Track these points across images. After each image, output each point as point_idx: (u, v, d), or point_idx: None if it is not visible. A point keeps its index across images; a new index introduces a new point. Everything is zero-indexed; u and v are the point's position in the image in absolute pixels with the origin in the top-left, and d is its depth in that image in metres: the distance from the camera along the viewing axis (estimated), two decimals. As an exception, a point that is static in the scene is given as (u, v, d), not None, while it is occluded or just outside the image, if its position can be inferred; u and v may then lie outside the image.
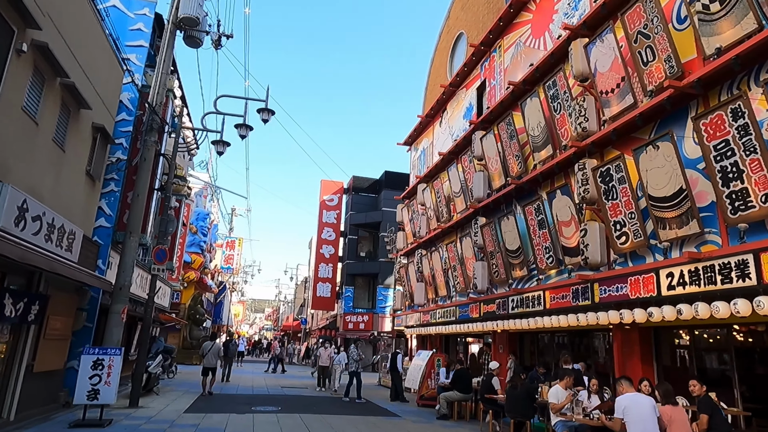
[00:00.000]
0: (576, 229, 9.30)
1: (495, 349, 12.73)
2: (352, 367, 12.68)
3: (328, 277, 31.29)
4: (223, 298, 34.69)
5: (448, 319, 14.59)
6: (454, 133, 16.94)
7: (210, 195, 29.05)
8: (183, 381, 15.79)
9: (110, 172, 10.26)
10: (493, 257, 12.46)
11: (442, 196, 16.38)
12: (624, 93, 8.54)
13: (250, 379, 18.46)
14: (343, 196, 33.00)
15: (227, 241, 35.17)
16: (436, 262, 16.28)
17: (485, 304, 12.38)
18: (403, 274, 19.88)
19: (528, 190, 11.36)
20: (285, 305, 68.16)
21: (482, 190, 13.29)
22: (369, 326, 28.16)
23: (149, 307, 9.85)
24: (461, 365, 10.02)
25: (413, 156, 21.55)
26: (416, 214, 19.08)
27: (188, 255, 25.36)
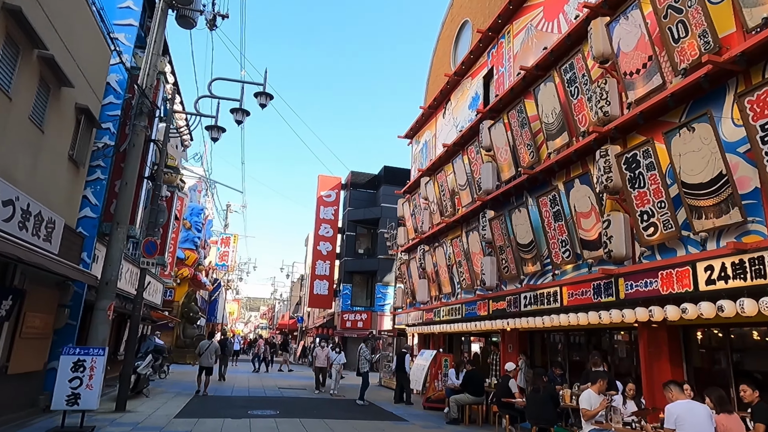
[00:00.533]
0: (596, 220, 8.69)
1: (504, 349, 12.12)
2: (364, 367, 12.04)
3: (326, 275, 30.60)
4: (218, 295, 33.94)
5: (454, 317, 13.97)
6: (458, 124, 16.30)
7: (204, 190, 28.30)
8: (175, 382, 15.09)
9: (96, 158, 9.57)
10: (502, 252, 11.84)
11: (447, 190, 15.76)
12: (651, 73, 7.92)
13: (246, 379, 17.79)
14: (340, 191, 32.31)
15: (222, 238, 34.44)
16: (440, 258, 15.66)
17: (494, 302, 11.77)
18: (404, 271, 19.25)
19: (542, 181, 10.75)
20: (280, 304, 67.42)
21: (491, 181, 12.67)
22: (367, 324, 27.52)
23: (138, 304, 9.17)
24: (472, 366, 9.39)
25: (414, 149, 20.91)
26: (418, 208, 18.44)
27: (182, 251, 24.64)
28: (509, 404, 7.84)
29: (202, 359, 12.73)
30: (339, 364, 13.24)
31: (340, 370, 13.35)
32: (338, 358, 13.44)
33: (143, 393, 10.51)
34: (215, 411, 9.79)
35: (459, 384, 9.85)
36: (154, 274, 15.63)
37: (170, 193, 13.61)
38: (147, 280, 14.06)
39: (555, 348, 11.38)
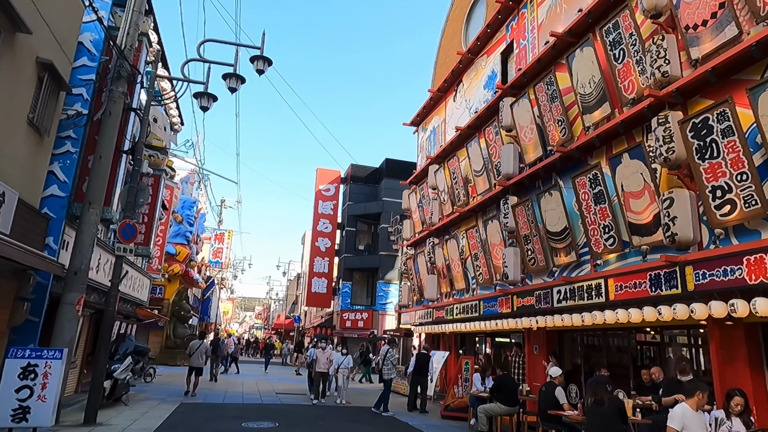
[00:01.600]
0: (651, 200, 7.43)
1: (529, 350, 10.85)
2: (390, 373, 10.66)
3: (324, 272, 29.28)
4: (211, 294, 32.53)
5: (469, 315, 12.68)
6: (472, 106, 15.04)
7: (197, 182, 26.90)
8: (162, 386, 13.73)
9: (66, 128, 8.22)
10: (528, 242, 10.57)
11: (459, 177, 14.48)
12: (723, 24, 6.68)
13: (240, 382, 16.44)
14: (340, 185, 30.99)
15: (216, 234, 33.04)
16: (452, 252, 14.37)
17: (519, 297, 10.49)
18: (410, 267, 17.96)
19: (577, 159, 9.48)
20: (276, 303, 66.01)
21: (512, 165, 11.41)
22: (368, 324, 26.23)
23: (112, 297, 7.84)
24: (503, 370, 8.09)
25: (421, 137, 19.63)
26: (426, 199, 17.16)
27: (172, 246, 23.27)
28: (557, 418, 6.57)
29: (192, 359, 12.47)
30: (346, 368, 11.79)
31: (349, 376, 11.84)
32: (345, 361, 12.05)
33: (122, 401, 9.17)
34: (203, 423, 8.46)
35: (488, 391, 8.50)
36: (140, 268, 14.28)
37: (156, 176, 12.26)
38: (129, 273, 12.77)
39: (590, 349, 10.12)
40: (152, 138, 13.15)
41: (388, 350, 10.63)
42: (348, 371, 11.84)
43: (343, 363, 11.70)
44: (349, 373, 11.89)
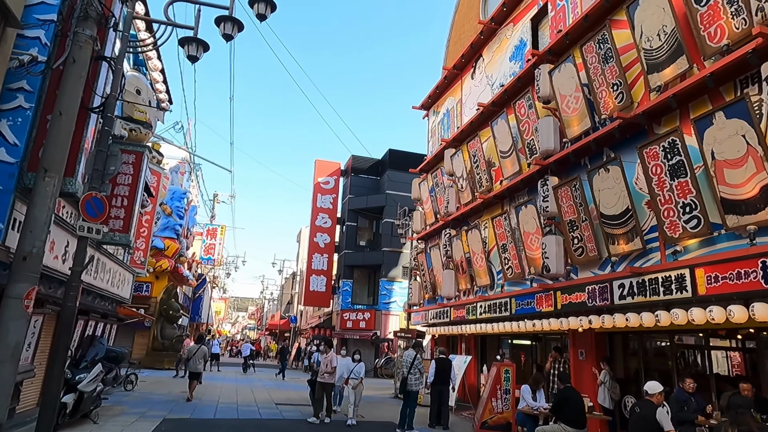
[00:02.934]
0: (757, 169, 5.90)
1: (574, 356, 9.30)
2: (417, 384, 8.97)
3: (323, 269, 27.64)
4: (203, 292, 30.76)
5: (498, 314, 11.12)
6: (495, 81, 13.49)
7: (188, 173, 25.15)
8: (145, 395, 12.06)
9: (17, 78, 6.55)
10: (574, 228, 9.02)
11: (481, 160, 12.94)
12: None
13: (234, 389, 14.77)
14: (340, 178, 29.37)
15: (208, 229, 31.28)
16: (474, 243, 12.81)
17: (565, 293, 8.94)
18: (421, 261, 16.38)
19: (642, 127, 7.95)
20: (270, 303, 64.20)
21: (553, 140, 9.88)
22: (371, 325, 24.63)
23: (72, 289, 6.18)
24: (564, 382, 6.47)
25: (432, 121, 18.06)
26: (440, 187, 15.60)
27: (161, 240, 21.55)
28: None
29: (189, 364, 12.09)
30: (358, 377, 10.06)
31: (360, 387, 10.00)
32: (357, 369, 10.14)
33: (90, 417, 7.53)
34: (190, 445, 6.84)
35: (549, 408, 6.83)
36: (121, 261, 12.58)
37: (138, 153, 10.58)
38: (107, 266, 11.11)
39: (651, 354, 8.60)
40: (134, 110, 11.51)
41: (415, 356, 8.99)
42: (360, 381, 9.93)
43: (354, 371, 9.95)
44: (360, 384, 9.94)
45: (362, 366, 10.03)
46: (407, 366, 8.87)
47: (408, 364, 8.86)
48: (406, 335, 15.65)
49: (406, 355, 9.04)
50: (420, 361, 9.12)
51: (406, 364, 8.90)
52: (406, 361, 8.93)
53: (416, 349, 9.24)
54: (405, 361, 8.94)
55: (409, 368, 8.87)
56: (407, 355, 9.04)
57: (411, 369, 8.86)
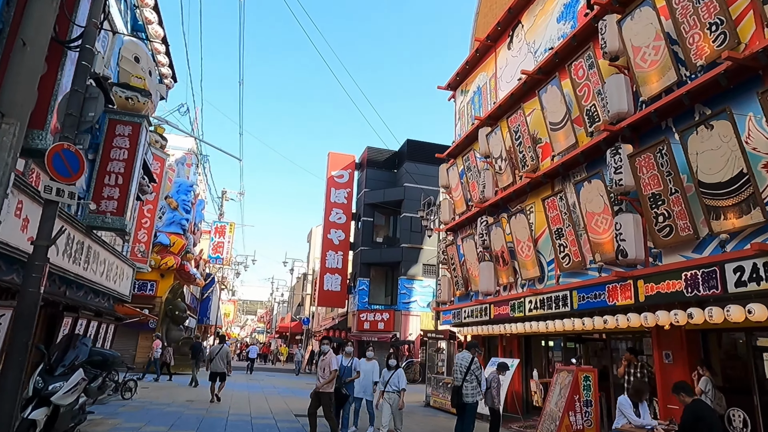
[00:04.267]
0: None
1: (659, 359, 7.66)
2: (475, 395, 7.34)
3: (338, 268, 26.11)
4: (211, 293, 29.35)
5: (553, 310, 9.52)
6: (539, 48, 11.91)
7: (194, 165, 23.75)
8: (145, 403, 10.57)
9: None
10: (657, 203, 7.41)
11: (525, 136, 11.36)
12: None
13: (245, 397, 13.24)
14: (354, 172, 27.85)
15: (216, 226, 29.88)
16: (519, 230, 11.21)
17: (650, 282, 7.32)
18: (451, 255, 14.79)
19: (757, 71, 6.34)
20: (280, 305, 62.84)
21: (625, 100, 8.29)
22: (390, 326, 23.04)
23: (35, 269, 4.66)
24: (689, 394, 4.85)
25: (460, 102, 16.50)
26: (473, 171, 14.03)
27: (166, 236, 20.18)
28: None
29: (212, 365, 12.05)
30: (396, 390, 7.92)
31: (402, 403, 8.01)
32: (394, 378, 7.95)
33: (70, 436, 6.05)
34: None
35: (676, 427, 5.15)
36: (118, 253, 11.13)
37: (135, 125, 9.13)
38: (102, 256, 9.65)
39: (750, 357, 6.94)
40: (131, 76, 10.06)
41: (472, 359, 7.36)
42: (401, 396, 7.84)
43: (393, 380, 7.97)
44: (402, 399, 7.84)
45: (402, 375, 8.26)
46: (461, 372, 7.26)
47: (462, 370, 7.27)
48: (437, 336, 14.05)
49: (460, 359, 7.44)
50: (478, 365, 7.52)
51: (459, 369, 7.29)
52: (460, 366, 7.32)
53: (472, 351, 7.65)
54: (459, 365, 7.33)
55: (465, 375, 7.27)
56: (461, 359, 7.43)
57: (467, 376, 7.27)
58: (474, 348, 7.83)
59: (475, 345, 7.95)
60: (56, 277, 8.31)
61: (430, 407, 12.72)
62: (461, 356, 7.54)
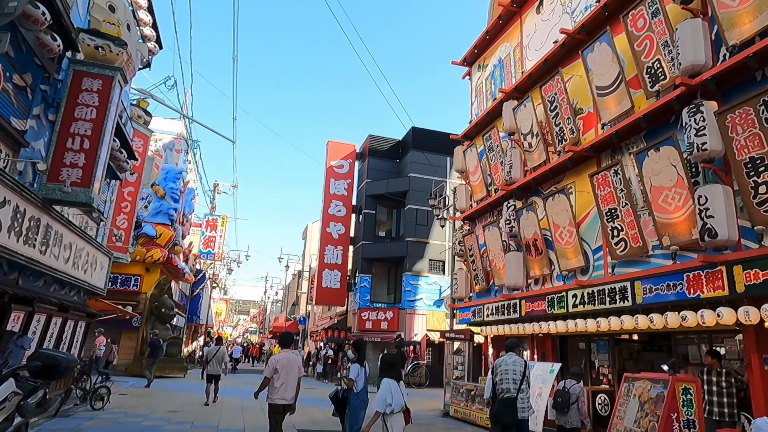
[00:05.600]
0: None
1: (757, 365, 6.15)
2: (527, 410, 5.59)
3: (337, 263, 24.51)
4: (202, 290, 27.64)
5: (607, 305, 8.01)
6: (578, 5, 10.40)
7: (183, 151, 22.05)
8: (119, 416, 8.94)
9: None
10: (759, 170, 5.90)
11: (563, 106, 9.85)
12: None
13: (239, 406, 11.62)
14: (355, 162, 26.26)
15: (207, 220, 28.17)
16: (557, 214, 9.68)
17: (754, 268, 5.81)
18: (469, 246, 13.25)
19: None
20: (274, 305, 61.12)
21: (702, 48, 6.79)
22: (393, 326, 21.46)
23: None
24: None
25: (477, 79, 14.98)
26: (495, 151, 12.51)
27: (152, 226, 18.52)
28: None
29: (209, 367, 11.76)
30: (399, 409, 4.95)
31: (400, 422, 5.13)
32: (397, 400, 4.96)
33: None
34: None
35: None
36: (90, 238, 9.50)
37: (107, 79, 7.52)
38: (67, 239, 8.04)
39: None
40: (100, 23, 8.44)
41: (526, 364, 5.78)
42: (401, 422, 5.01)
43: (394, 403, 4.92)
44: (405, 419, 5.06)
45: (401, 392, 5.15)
46: (515, 380, 5.70)
47: (517, 378, 5.70)
48: (458, 336, 12.50)
49: (512, 364, 5.85)
50: (530, 374, 5.99)
51: (513, 376, 5.71)
52: (513, 372, 5.74)
53: (518, 352, 6.10)
54: (510, 371, 5.75)
55: (520, 383, 5.70)
56: (514, 363, 5.85)
57: (522, 385, 5.70)
58: (517, 348, 6.28)
59: (518, 345, 6.39)
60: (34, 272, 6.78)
61: (450, 417, 11.16)
62: (512, 360, 5.98)
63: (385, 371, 5.23)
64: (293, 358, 6.50)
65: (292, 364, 6.34)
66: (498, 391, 5.93)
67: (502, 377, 5.99)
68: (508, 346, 6.21)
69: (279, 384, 6.12)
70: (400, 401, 4.95)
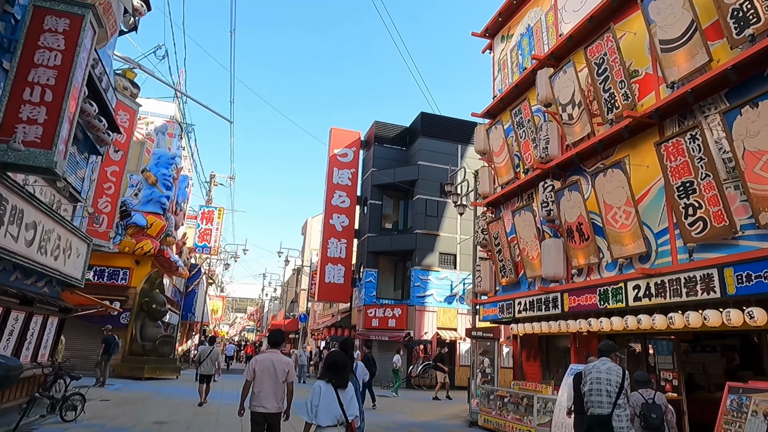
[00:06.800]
0: None
1: None
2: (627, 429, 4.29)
3: (341, 257, 23.10)
4: (197, 286, 26.19)
5: (689, 297, 6.63)
6: (630, -47, 8.99)
7: (177, 136, 20.57)
8: (97, 428, 7.51)
9: None
10: None
11: (615, 68, 8.45)
12: None
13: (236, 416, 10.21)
14: (360, 151, 24.85)
15: (203, 212, 26.69)
16: (611, 192, 8.29)
17: None
18: (495, 233, 11.86)
19: None
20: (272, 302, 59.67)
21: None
22: (402, 324, 20.07)
23: None
24: None
25: (500, 51, 13.58)
26: (526, 127, 11.13)
27: (143, 215, 17.10)
28: None
29: (201, 367, 11.34)
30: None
31: None
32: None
33: None
34: None
35: None
36: (67, 221, 8.09)
37: (75, 18, 6.12)
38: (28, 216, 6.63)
39: None
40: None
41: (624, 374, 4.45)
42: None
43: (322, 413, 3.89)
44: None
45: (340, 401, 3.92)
46: (609, 393, 4.35)
47: (612, 390, 4.36)
48: (485, 335, 11.11)
49: (605, 372, 4.50)
50: (629, 384, 4.64)
51: (606, 388, 4.37)
52: (607, 382, 4.40)
53: (613, 358, 4.76)
54: (602, 380, 4.40)
55: (616, 398, 4.37)
56: (608, 371, 4.51)
57: (618, 399, 4.37)
58: (613, 353, 4.92)
59: (614, 348, 5.02)
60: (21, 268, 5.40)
61: (479, 427, 9.76)
62: (606, 368, 4.64)
63: (324, 373, 4.04)
64: (278, 359, 5.37)
65: (273, 367, 5.24)
66: (587, 404, 4.59)
67: (592, 388, 4.64)
68: (602, 350, 4.87)
69: (257, 390, 5.18)
70: (335, 413, 3.85)
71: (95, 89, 8.32)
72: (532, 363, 11.08)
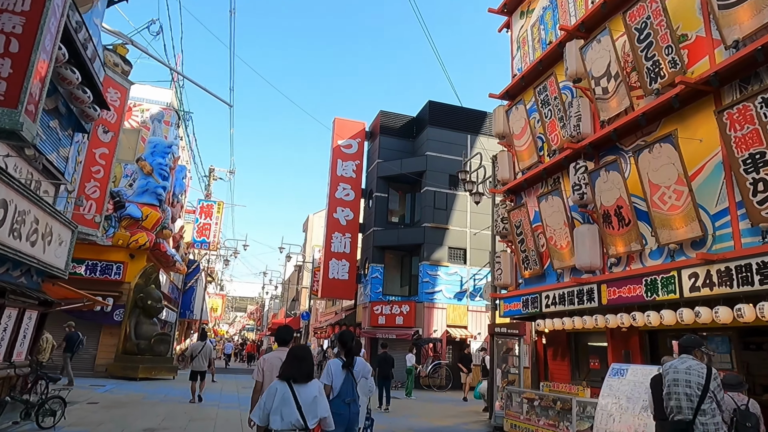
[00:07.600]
0: None
1: None
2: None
3: (346, 252, 22.20)
4: (195, 282, 25.27)
5: (763, 285, 5.71)
6: None
7: (174, 125, 19.63)
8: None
9: None
10: None
11: (660, 32, 7.54)
12: None
13: (237, 416, 9.31)
14: (364, 142, 23.94)
15: (202, 206, 25.79)
16: (658, 171, 7.36)
17: None
18: (518, 222, 10.95)
19: None
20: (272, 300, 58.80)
21: None
22: (410, 321, 19.17)
23: None
24: None
25: (519, 27, 12.66)
26: (552, 105, 10.21)
27: (137, 207, 16.19)
28: None
29: (194, 363, 11.13)
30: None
31: None
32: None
33: None
34: None
35: None
36: (44, 202, 7.19)
37: None
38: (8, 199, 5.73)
39: None
40: None
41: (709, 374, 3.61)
42: None
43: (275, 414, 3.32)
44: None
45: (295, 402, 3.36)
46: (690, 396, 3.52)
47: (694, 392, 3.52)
48: (510, 332, 10.19)
49: (684, 371, 3.64)
50: (719, 385, 3.76)
51: (683, 390, 3.52)
52: (685, 384, 3.55)
53: (698, 355, 3.88)
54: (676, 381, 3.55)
55: (700, 401, 3.51)
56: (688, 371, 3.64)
57: (703, 403, 3.52)
58: (697, 349, 4.01)
59: (699, 343, 4.11)
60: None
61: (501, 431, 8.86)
62: (685, 367, 3.79)
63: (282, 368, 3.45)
64: None
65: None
66: (667, 410, 3.71)
67: (669, 391, 3.75)
68: (683, 345, 3.97)
69: None
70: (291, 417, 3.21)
71: (78, 55, 7.41)
72: (560, 362, 10.17)
